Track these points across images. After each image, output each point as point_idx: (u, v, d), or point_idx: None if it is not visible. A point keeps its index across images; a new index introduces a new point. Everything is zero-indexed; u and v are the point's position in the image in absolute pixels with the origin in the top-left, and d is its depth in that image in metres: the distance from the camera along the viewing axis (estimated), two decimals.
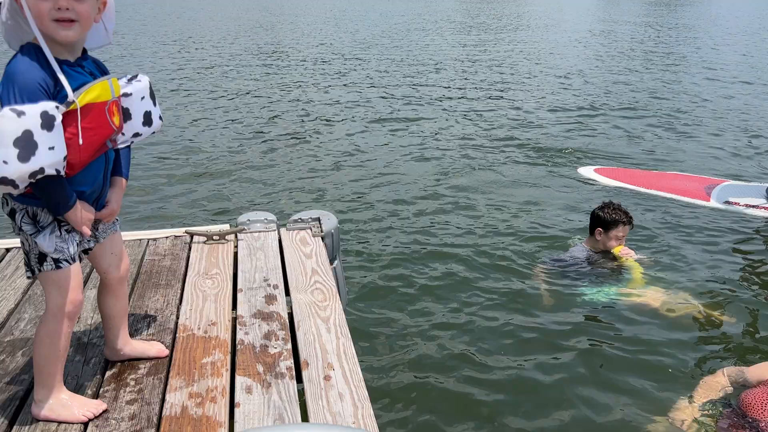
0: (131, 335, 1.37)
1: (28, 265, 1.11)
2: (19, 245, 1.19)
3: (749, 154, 5.05)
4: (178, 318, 1.50)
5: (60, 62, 1.00)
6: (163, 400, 1.19)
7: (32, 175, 0.94)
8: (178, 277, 1.70)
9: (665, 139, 5.55)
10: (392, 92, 8.23)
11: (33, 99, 0.94)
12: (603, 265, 2.74)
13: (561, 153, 5.07)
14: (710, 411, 1.82)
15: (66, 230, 1.10)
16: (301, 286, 1.63)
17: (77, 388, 1.22)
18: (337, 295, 1.59)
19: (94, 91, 1.04)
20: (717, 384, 1.90)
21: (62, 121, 0.97)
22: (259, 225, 1.94)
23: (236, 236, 1.92)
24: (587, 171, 4.36)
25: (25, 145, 0.91)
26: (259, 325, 1.45)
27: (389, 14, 23.20)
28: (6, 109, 0.91)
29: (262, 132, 6.22)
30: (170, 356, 1.33)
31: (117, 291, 1.28)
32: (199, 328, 1.44)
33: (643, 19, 20.43)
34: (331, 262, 1.80)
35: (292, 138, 5.90)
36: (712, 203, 3.57)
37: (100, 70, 1.13)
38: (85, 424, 1.12)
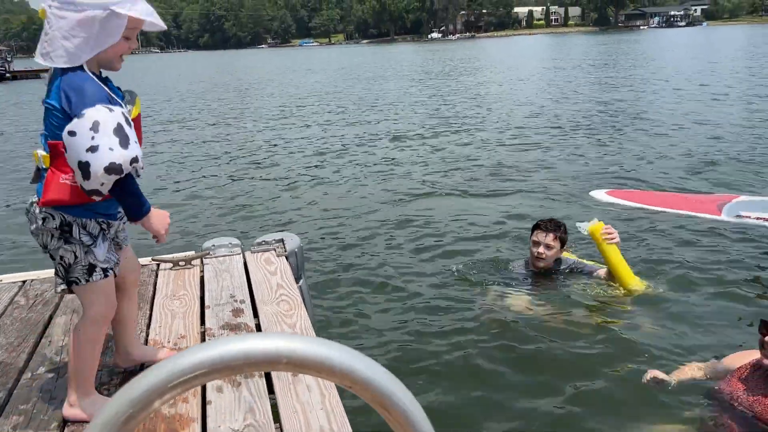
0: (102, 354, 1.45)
1: (64, 278, 1.19)
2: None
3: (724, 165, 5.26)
4: (147, 335, 1.59)
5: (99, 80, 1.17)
6: None
7: (132, 161, 1.07)
8: (146, 300, 1.79)
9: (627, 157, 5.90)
10: (348, 129, 8.92)
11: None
12: (526, 275, 2.80)
13: (518, 171, 5.49)
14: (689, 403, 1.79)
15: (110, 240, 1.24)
16: (267, 299, 1.77)
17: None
18: (303, 305, 1.74)
19: (138, 107, 1.23)
20: (693, 375, 1.89)
21: None
22: (223, 249, 2.08)
23: (202, 261, 2.05)
24: (599, 194, 4.28)
25: (121, 135, 1.05)
26: (227, 335, 1.57)
27: (353, 66, 24.46)
28: (99, 105, 1.05)
29: (223, 165, 6.73)
30: (141, 366, 1.42)
31: (132, 294, 1.39)
32: (168, 341, 1.54)
33: (591, 54, 22.33)
34: (297, 280, 1.96)
35: (254, 168, 6.40)
36: (723, 217, 3.53)
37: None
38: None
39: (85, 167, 1.03)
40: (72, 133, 1.04)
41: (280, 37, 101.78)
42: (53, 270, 1.24)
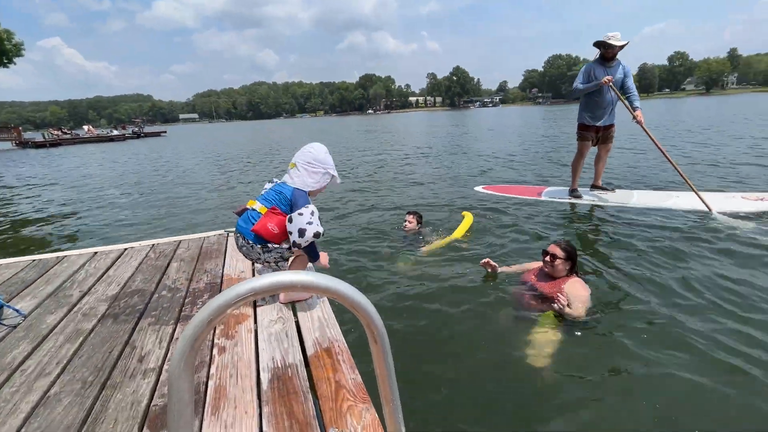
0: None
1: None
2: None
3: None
4: (223, 273, 2.63)
5: None
6: None
7: (321, 234, 2.12)
8: (222, 253, 2.86)
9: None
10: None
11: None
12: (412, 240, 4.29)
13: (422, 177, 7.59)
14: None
15: None
16: None
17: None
18: None
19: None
20: (514, 269, 3.26)
21: None
22: None
23: None
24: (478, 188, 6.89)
25: (316, 219, 2.12)
26: (267, 269, 2.56)
27: (325, 127, 38.42)
28: (310, 206, 2.14)
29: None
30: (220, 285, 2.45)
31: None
32: (235, 275, 2.56)
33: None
34: None
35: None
36: (542, 198, 5.83)
37: None
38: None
39: (302, 232, 2.08)
40: (300, 214, 2.10)
41: (289, 113, 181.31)
42: (169, 238, 2.31)
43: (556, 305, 2.59)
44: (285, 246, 2.21)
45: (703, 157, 8.73)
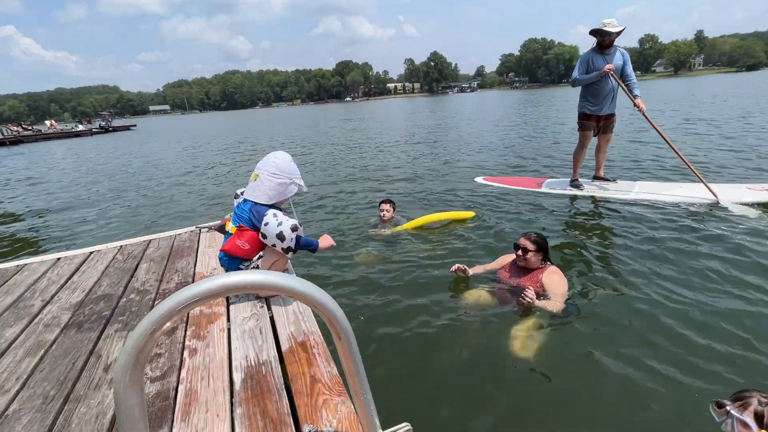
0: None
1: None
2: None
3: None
4: (195, 269, 2.55)
5: None
6: None
7: (298, 225, 2.13)
8: (194, 250, 2.77)
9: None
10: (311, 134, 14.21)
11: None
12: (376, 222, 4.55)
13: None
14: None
15: None
16: None
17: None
18: None
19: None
20: (484, 269, 3.14)
21: None
22: None
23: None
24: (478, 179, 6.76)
25: (282, 215, 2.12)
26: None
27: (304, 113, 39.89)
28: (268, 210, 2.15)
29: (233, 172, 9.17)
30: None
31: None
32: (207, 272, 2.49)
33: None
34: None
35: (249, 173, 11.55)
36: (542, 190, 5.77)
37: None
38: None
39: (281, 235, 2.06)
40: (267, 224, 2.09)
41: (265, 102, 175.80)
42: (138, 239, 2.20)
43: (525, 300, 2.55)
44: (256, 260, 2.20)
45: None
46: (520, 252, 2.85)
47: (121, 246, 3.12)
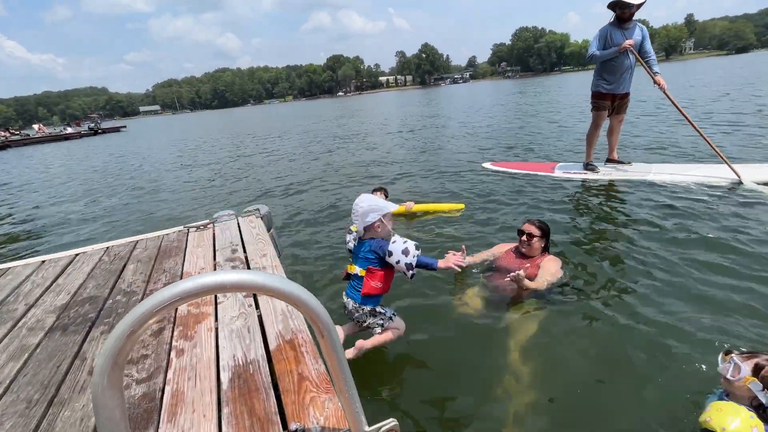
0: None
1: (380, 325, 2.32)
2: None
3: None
4: (183, 269, 2.51)
5: None
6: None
7: (418, 245, 2.23)
8: (182, 249, 2.73)
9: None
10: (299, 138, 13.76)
11: None
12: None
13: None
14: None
15: None
16: (250, 242, 2.68)
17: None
18: (272, 244, 2.61)
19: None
20: (483, 257, 3.13)
21: None
22: (225, 217, 2.99)
23: (213, 225, 2.96)
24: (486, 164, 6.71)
25: (400, 238, 2.24)
26: (229, 263, 2.47)
27: (296, 110, 39.01)
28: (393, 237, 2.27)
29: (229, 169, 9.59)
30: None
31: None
32: (195, 271, 2.46)
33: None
34: (268, 230, 2.85)
35: (238, 169, 9.36)
36: (555, 174, 5.69)
37: None
38: None
39: (406, 251, 2.16)
40: (391, 253, 2.19)
41: (256, 99, 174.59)
42: (125, 239, 2.17)
43: (514, 273, 2.54)
44: (388, 314, 2.34)
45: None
46: (525, 237, 2.83)
47: (107, 247, 3.08)
